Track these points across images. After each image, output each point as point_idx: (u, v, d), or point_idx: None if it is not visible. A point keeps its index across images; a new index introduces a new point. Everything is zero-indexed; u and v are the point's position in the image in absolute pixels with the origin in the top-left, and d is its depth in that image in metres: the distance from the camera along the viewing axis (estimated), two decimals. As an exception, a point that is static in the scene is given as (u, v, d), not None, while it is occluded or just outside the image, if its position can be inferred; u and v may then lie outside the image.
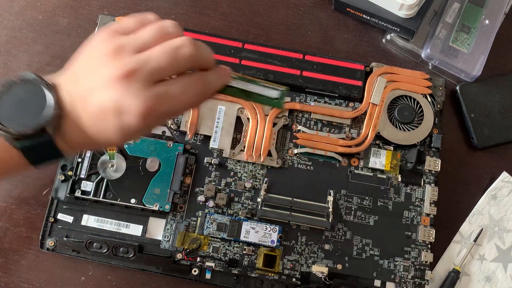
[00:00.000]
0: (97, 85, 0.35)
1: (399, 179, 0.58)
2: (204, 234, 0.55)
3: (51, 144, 0.36)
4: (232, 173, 0.58)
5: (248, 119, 0.58)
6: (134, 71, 0.34)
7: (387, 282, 0.55)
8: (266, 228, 0.55)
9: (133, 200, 0.55)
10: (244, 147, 0.58)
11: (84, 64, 0.36)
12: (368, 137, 0.58)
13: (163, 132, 0.58)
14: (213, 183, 0.57)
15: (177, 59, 0.35)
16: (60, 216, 0.56)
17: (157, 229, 0.56)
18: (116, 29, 0.37)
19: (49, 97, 0.35)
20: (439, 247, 0.58)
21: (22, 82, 0.35)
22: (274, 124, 0.59)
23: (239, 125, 0.59)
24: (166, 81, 0.36)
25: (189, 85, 0.37)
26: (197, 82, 0.37)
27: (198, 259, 0.55)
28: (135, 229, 0.56)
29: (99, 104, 0.35)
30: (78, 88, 0.36)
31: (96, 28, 0.60)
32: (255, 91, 0.41)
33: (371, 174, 0.58)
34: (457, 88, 0.62)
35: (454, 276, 0.56)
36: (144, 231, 0.56)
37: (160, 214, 0.56)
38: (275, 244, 0.55)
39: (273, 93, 0.41)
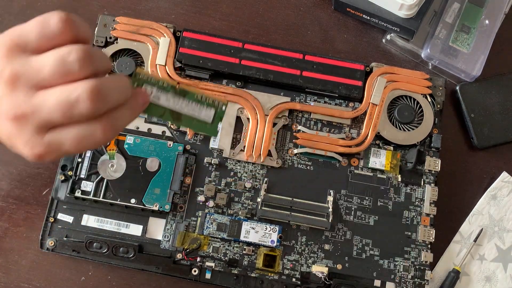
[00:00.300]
0: None
1: (399, 179, 0.58)
2: (204, 234, 0.55)
3: None
4: (232, 173, 0.58)
5: (248, 119, 0.58)
6: (25, 116, 0.31)
7: (387, 282, 0.55)
8: (266, 228, 0.55)
9: (133, 200, 0.55)
10: (244, 147, 0.58)
11: None
12: (368, 137, 0.58)
13: (163, 132, 0.58)
14: (213, 183, 0.57)
15: (71, 115, 0.31)
16: (60, 216, 0.56)
17: (157, 229, 0.56)
18: (16, 40, 0.33)
19: None
20: (439, 247, 0.58)
21: None
22: (274, 124, 0.59)
23: (239, 125, 0.59)
24: (62, 128, 0.32)
25: (89, 134, 0.32)
26: (99, 128, 0.33)
27: (198, 259, 0.55)
28: (135, 229, 0.56)
29: None
30: None
31: (96, 29, 0.60)
32: (185, 112, 0.36)
33: (371, 174, 0.58)
34: (457, 88, 0.62)
35: (454, 276, 0.56)
36: (144, 231, 0.56)
37: (160, 214, 0.56)
38: (275, 244, 0.55)
39: (207, 113, 0.36)
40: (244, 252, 0.55)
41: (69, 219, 0.56)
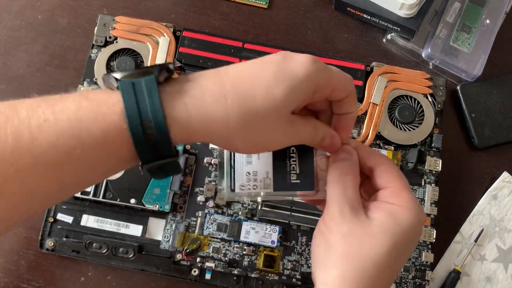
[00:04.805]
0: None
1: (400, 179, 0.58)
2: (204, 234, 0.55)
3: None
4: (232, 173, 0.57)
5: (248, 119, 0.58)
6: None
7: (387, 283, 0.55)
8: (266, 228, 0.55)
9: (133, 200, 0.55)
10: (244, 147, 0.58)
11: None
12: (369, 137, 0.58)
13: (163, 132, 0.58)
14: (213, 183, 0.57)
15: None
16: (60, 216, 0.56)
17: (157, 229, 0.56)
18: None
19: None
20: (439, 247, 0.58)
21: None
22: (274, 124, 0.58)
23: (239, 125, 0.58)
24: None
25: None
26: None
27: (198, 259, 0.55)
28: (135, 229, 0.56)
29: None
30: None
31: (96, 28, 0.60)
32: None
33: (372, 174, 0.58)
34: (458, 88, 0.62)
35: (454, 276, 0.56)
36: (144, 231, 0.56)
37: (160, 214, 0.56)
38: (275, 245, 0.55)
39: None
40: (244, 252, 0.55)
41: (68, 219, 0.55)
